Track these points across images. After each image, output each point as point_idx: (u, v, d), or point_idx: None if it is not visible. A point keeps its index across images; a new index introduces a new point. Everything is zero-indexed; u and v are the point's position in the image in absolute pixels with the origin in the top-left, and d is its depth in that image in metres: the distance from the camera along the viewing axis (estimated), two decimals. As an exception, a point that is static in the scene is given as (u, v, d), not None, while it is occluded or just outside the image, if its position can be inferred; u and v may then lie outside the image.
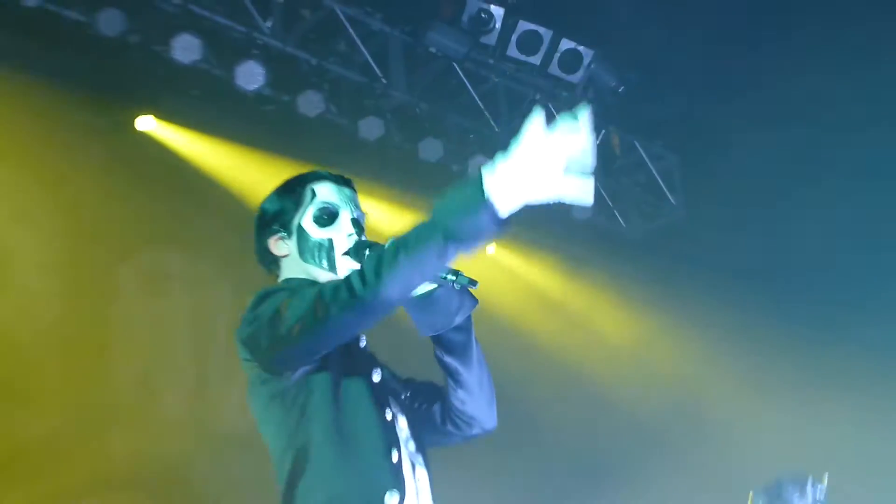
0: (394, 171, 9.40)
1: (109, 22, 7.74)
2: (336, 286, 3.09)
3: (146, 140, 8.97)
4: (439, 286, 3.37)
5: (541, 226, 9.98)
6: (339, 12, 8.66)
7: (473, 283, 3.37)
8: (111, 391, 8.46)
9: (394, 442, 3.50)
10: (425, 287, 3.33)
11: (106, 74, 8.47)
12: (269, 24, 8.52)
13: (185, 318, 8.39)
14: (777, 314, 9.78)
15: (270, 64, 8.42)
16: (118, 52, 8.24)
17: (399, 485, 3.41)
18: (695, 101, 9.47)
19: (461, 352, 3.60)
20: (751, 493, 7.23)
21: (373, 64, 8.82)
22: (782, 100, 8.96)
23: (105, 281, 8.82)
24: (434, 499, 3.62)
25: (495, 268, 10.45)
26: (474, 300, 3.48)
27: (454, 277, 3.32)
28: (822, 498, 6.99)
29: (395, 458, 3.45)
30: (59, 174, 8.49)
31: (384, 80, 8.91)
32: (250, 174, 9.17)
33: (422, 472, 3.59)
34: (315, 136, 9.00)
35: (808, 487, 6.95)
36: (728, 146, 9.46)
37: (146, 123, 8.93)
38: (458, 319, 3.45)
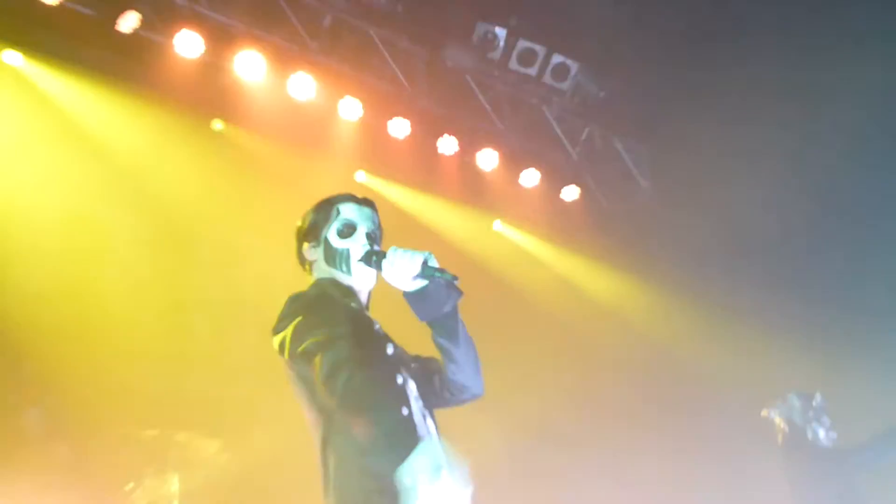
0: (419, 166, 9.52)
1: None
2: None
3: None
4: (430, 282, 3.71)
5: (537, 206, 10.19)
6: (373, 34, 8.86)
7: (455, 278, 3.70)
8: (188, 342, 8.61)
9: (404, 400, 3.71)
10: (419, 283, 3.70)
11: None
12: (315, 43, 8.59)
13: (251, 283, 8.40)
14: (730, 276, 9.75)
15: (318, 74, 8.61)
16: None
17: (413, 436, 3.46)
18: (662, 102, 9.58)
19: (451, 334, 3.84)
20: (765, 411, 7.21)
21: (400, 75, 9.04)
22: (732, 100, 9.01)
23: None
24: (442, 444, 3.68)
25: (501, 241, 10.54)
26: (459, 293, 3.80)
27: (441, 274, 3.67)
28: (822, 409, 6.98)
29: (405, 413, 3.63)
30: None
31: (409, 89, 9.12)
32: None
33: (431, 422, 3.83)
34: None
35: (815, 402, 6.97)
36: (689, 139, 9.42)
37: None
38: (447, 308, 3.77)
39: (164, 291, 8.69)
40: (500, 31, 8.99)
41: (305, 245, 4.03)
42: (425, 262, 3.70)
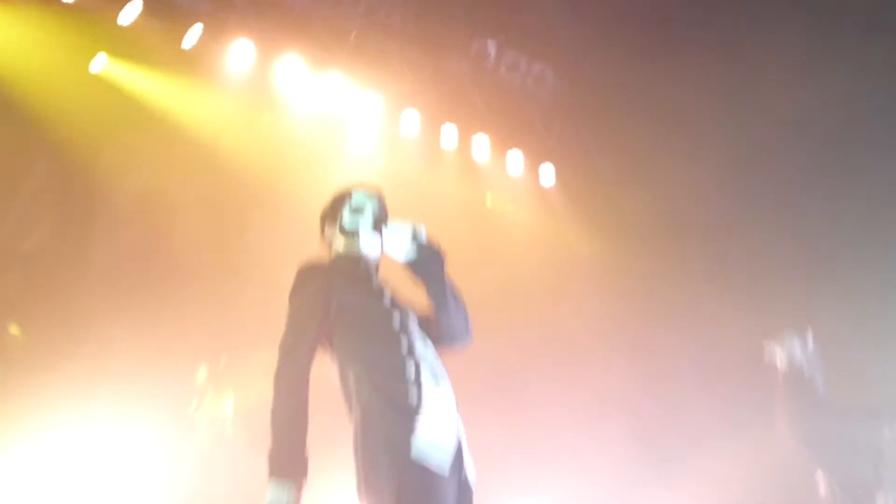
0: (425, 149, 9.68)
1: None
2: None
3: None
4: (419, 250, 3.76)
5: (519, 183, 10.42)
6: (391, 47, 9.15)
7: (438, 247, 3.79)
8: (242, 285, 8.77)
9: (405, 332, 3.70)
10: (412, 253, 3.75)
11: None
12: (344, 53, 8.92)
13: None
14: (679, 227, 9.67)
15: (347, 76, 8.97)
16: None
17: (414, 357, 3.61)
18: (618, 99, 9.72)
19: (440, 292, 3.81)
20: (766, 344, 6.90)
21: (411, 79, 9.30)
22: (672, 100, 9.05)
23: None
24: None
25: (491, 218, 10.56)
26: (443, 257, 3.81)
27: (426, 244, 3.77)
28: (813, 347, 6.73)
29: (405, 345, 3.65)
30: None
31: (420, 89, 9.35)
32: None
33: (431, 349, 3.78)
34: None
35: (808, 339, 6.77)
36: (638, 129, 9.67)
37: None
38: (434, 271, 3.79)
39: (224, 244, 8.82)
40: (491, 44, 9.25)
41: (325, 226, 4.10)
42: (415, 233, 3.79)
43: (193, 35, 8.40)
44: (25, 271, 7.85)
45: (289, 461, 3.37)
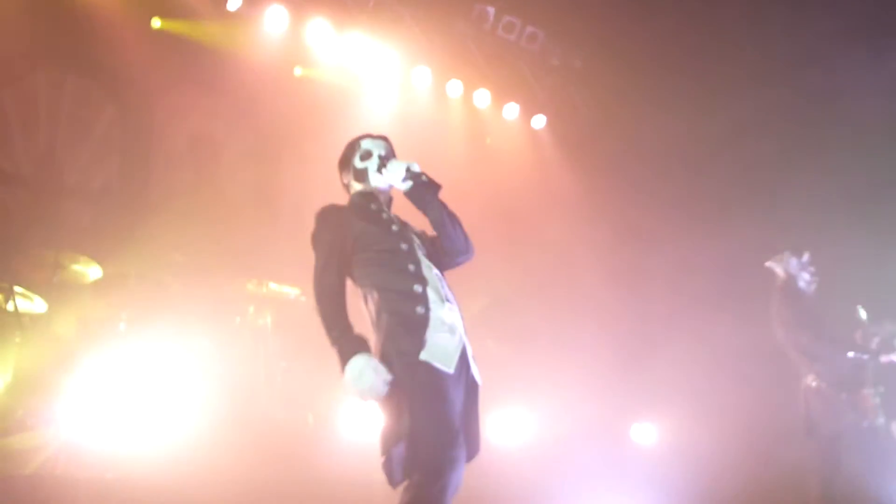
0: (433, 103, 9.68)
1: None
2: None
3: None
4: (414, 182, 3.80)
5: (516, 131, 10.48)
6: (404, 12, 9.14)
7: (429, 179, 3.83)
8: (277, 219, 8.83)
9: (412, 258, 3.71)
10: (408, 185, 3.80)
11: None
12: (363, 17, 8.95)
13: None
14: (654, 164, 9.74)
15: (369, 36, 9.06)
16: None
17: (420, 280, 3.64)
18: (603, 57, 9.69)
19: (436, 215, 3.82)
20: (768, 263, 6.83)
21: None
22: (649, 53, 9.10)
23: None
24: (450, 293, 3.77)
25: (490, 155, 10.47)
26: (437, 186, 3.85)
27: (422, 175, 3.82)
28: (808, 264, 6.68)
29: (412, 269, 3.66)
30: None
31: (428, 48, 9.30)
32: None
33: (436, 272, 3.76)
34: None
35: (804, 258, 6.69)
36: (615, 85, 9.73)
37: None
38: (430, 198, 3.82)
39: (261, 180, 8.94)
40: (490, 8, 9.22)
41: (342, 173, 4.10)
42: (408, 168, 3.81)
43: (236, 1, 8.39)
44: (96, 205, 7.92)
45: (353, 342, 3.43)
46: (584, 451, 7.35)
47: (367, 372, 3.34)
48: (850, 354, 6.47)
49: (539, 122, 10.55)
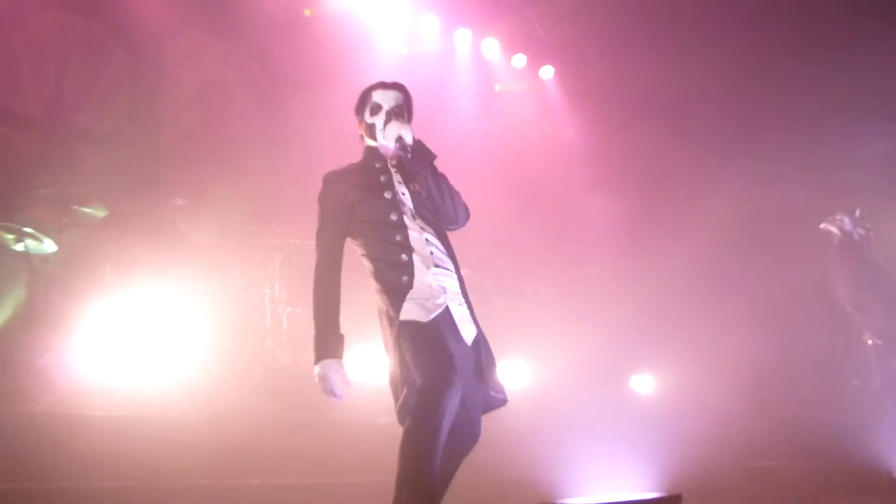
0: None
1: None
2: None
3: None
4: (402, 153, 3.80)
5: (525, 82, 10.45)
6: None
7: (424, 151, 3.83)
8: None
9: (400, 229, 3.77)
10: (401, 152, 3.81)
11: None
12: None
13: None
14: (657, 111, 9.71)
15: None
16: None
17: (406, 249, 3.73)
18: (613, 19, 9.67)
19: (424, 186, 3.85)
20: (823, 224, 6.91)
21: None
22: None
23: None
24: (449, 253, 3.88)
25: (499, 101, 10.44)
26: (427, 159, 3.85)
27: (409, 148, 3.78)
28: (862, 218, 6.78)
29: (399, 239, 3.75)
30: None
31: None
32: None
33: (435, 240, 3.84)
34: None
35: (857, 214, 6.78)
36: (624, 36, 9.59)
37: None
38: (425, 165, 3.82)
39: (268, 131, 8.78)
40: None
41: (358, 122, 4.06)
42: (399, 137, 3.79)
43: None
44: (103, 149, 7.83)
45: (327, 345, 3.68)
46: (587, 400, 7.45)
47: (325, 380, 3.63)
48: None
49: (547, 72, 10.50)
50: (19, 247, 6.45)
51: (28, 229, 6.45)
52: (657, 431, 6.66)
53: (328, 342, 3.69)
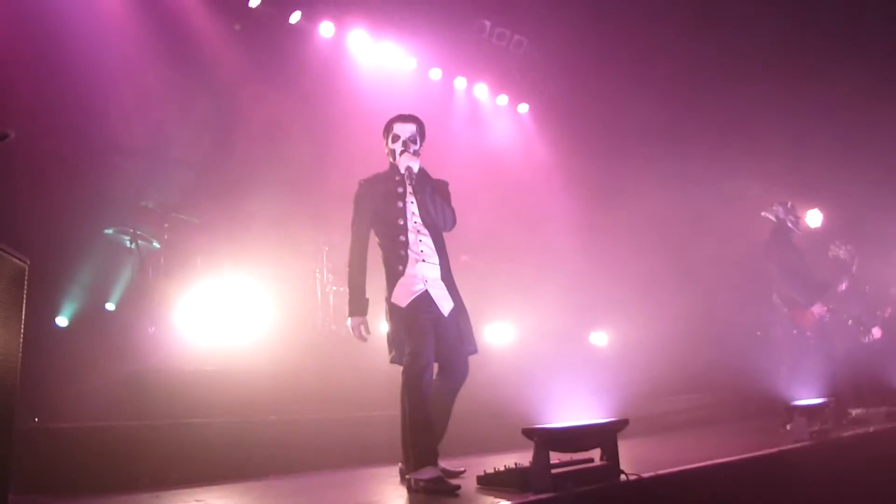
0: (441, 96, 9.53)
1: None
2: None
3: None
4: (408, 180, 3.79)
5: (505, 115, 10.32)
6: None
7: (427, 179, 3.85)
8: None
9: (403, 230, 3.80)
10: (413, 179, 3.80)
11: None
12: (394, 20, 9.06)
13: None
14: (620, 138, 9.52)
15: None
16: None
17: (405, 246, 3.78)
18: (573, 61, 9.52)
19: (432, 202, 3.83)
20: (763, 213, 6.60)
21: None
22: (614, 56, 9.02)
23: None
24: (438, 250, 3.87)
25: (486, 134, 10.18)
26: (428, 185, 3.83)
27: (413, 177, 3.77)
28: (793, 208, 6.52)
29: (402, 239, 3.79)
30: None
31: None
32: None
33: (428, 240, 3.83)
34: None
35: (789, 205, 6.50)
36: (583, 81, 9.52)
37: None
38: (418, 193, 3.81)
39: (315, 158, 8.39)
40: (486, 22, 9.11)
41: (384, 144, 4.01)
42: (408, 167, 3.79)
43: (296, 16, 8.33)
44: (193, 171, 7.76)
45: (357, 305, 3.85)
46: (557, 351, 7.39)
47: (355, 329, 3.85)
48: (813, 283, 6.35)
49: (523, 108, 10.46)
50: (132, 246, 6.43)
51: (139, 232, 6.46)
52: (610, 373, 6.64)
53: (358, 303, 3.85)
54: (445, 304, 3.85)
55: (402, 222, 3.85)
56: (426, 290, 3.81)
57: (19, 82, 5.72)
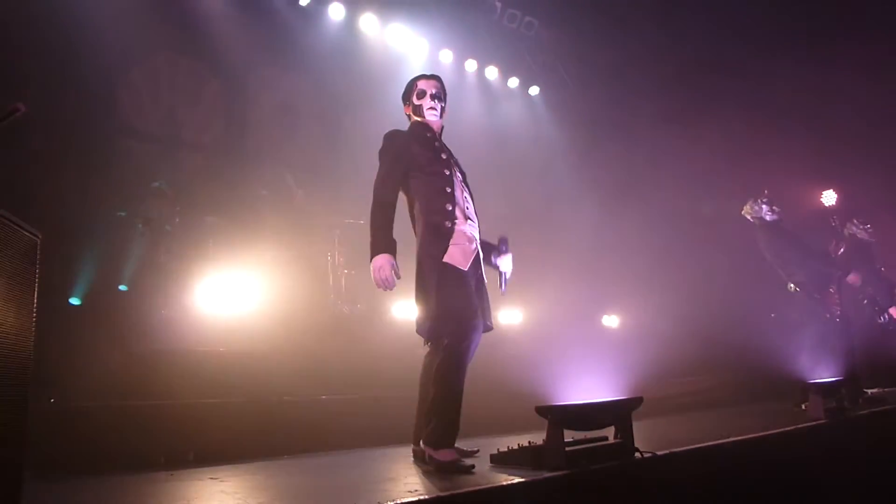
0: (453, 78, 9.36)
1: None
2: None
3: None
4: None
5: (515, 97, 10.39)
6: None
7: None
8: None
9: (449, 181, 3.55)
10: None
11: None
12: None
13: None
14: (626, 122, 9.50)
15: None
16: None
17: (452, 201, 3.51)
18: (584, 42, 9.50)
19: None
20: (742, 213, 6.64)
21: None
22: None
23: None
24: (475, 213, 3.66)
25: (498, 114, 10.20)
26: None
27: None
28: (769, 199, 6.49)
29: (448, 191, 3.51)
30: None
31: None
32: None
33: (467, 194, 3.65)
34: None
35: (765, 197, 6.48)
36: (594, 62, 9.57)
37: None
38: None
39: (327, 141, 8.64)
40: (497, 3, 9.00)
41: (405, 105, 3.86)
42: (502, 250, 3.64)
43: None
44: (204, 155, 7.76)
45: (383, 243, 3.40)
46: (570, 333, 7.27)
47: (386, 268, 3.33)
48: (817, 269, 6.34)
49: (534, 90, 10.39)
50: (143, 228, 6.40)
51: (152, 214, 6.43)
52: (623, 354, 6.60)
53: (385, 241, 3.38)
54: (482, 271, 3.64)
55: (447, 172, 3.55)
56: (478, 251, 3.56)
57: (34, 64, 5.70)
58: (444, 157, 3.65)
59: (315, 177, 7.96)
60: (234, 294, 5.97)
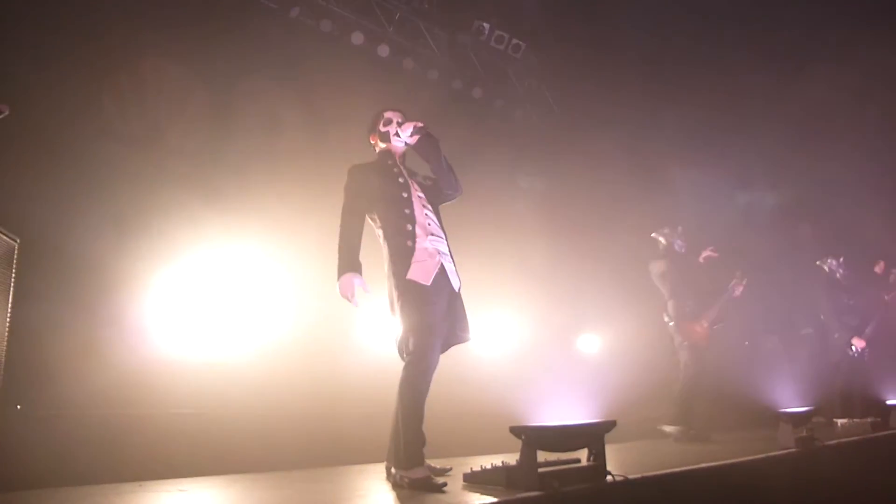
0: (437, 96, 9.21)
1: None
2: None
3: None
4: (421, 135, 3.78)
5: (501, 118, 10.12)
6: (420, 24, 8.86)
7: (432, 137, 3.79)
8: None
9: (408, 204, 3.69)
10: (416, 137, 3.78)
11: None
12: (391, 28, 8.59)
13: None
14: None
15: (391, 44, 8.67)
16: None
17: (411, 220, 3.64)
18: (569, 64, 9.52)
19: (438, 159, 3.84)
20: (653, 234, 6.87)
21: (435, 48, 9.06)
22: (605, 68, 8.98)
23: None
24: (442, 227, 3.80)
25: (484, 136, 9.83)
26: (437, 139, 3.84)
27: (425, 129, 3.77)
28: (681, 233, 6.79)
29: (407, 213, 3.66)
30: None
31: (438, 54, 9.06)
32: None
33: (431, 214, 3.77)
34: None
35: (679, 230, 6.75)
36: (577, 86, 9.56)
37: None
38: (431, 152, 3.81)
39: (313, 153, 7.96)
40: (486, 25, 8.98)
41: (370, 135, 4.05)
42: (415, 126, 3.78)
43: (294, 11, 8.30)
44: (189, 161, 7.45)
45: (348, 262, 3.54)
46: (543, 356, 7.35)
47: (347, 286, 3.50)
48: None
49: (518, 113, 10.35)
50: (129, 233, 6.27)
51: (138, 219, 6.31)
52: (598, 378, 6.62)
53: (349, 261, 3.54)
54: (455, 281, 3.76)
55: (405, 195, 3.74)
56: (442, 264, 3.67)
57: (16, 65, 5.64)
58: (401, 180, 3.81)
59: (299, 186, 7.56)
60: (209, 306, 5.94)
